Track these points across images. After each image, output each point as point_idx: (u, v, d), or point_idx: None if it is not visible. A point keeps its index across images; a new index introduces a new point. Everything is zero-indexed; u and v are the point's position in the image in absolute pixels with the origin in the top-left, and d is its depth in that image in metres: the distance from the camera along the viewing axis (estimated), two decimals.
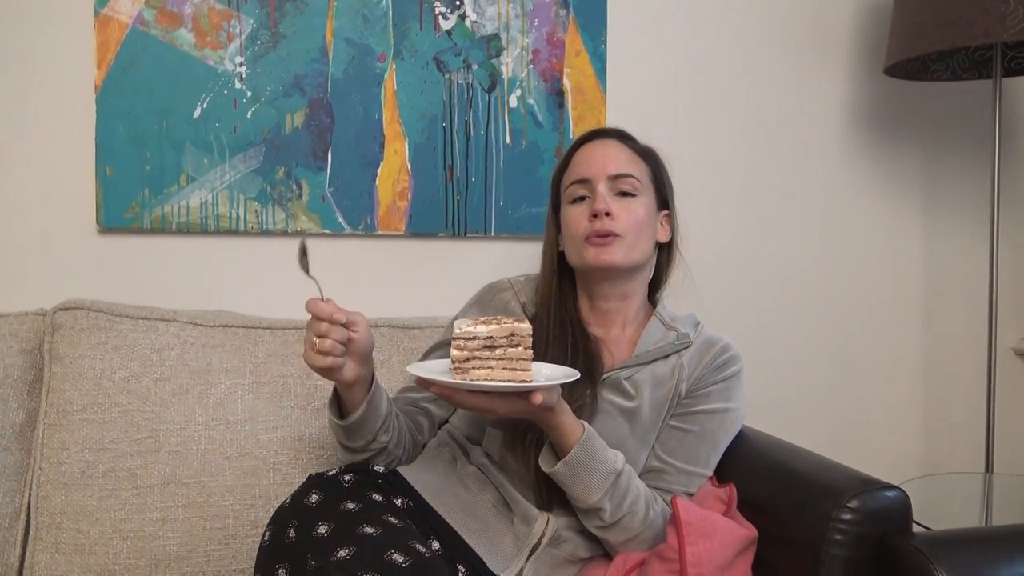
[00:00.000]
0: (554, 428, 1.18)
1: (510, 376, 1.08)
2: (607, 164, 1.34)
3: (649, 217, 1.35)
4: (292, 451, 1.46)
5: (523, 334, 1.08)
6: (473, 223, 1.80)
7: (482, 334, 1.08)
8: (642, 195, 1.35)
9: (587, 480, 1.19)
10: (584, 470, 1.18)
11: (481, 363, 1.08)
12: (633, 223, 1.32)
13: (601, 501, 1.19)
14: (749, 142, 1.99)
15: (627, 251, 1.32)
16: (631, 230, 1.32)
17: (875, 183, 2.07)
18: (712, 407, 1.32)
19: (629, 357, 1.35)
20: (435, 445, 1.39)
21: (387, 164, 1.74)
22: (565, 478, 1.19)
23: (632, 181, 1.34)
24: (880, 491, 1.17)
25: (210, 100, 1.65)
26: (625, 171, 1.34)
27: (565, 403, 1.19)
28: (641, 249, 1.34)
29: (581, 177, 1.35)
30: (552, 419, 1.17)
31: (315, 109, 1.70)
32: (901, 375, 2.11)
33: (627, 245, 1.32)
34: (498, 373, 1.08)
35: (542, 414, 1.15)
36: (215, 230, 1.67)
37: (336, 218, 1.72)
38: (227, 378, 1.48)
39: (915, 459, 2.12)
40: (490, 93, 1.79)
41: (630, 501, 1.22)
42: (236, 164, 1.67)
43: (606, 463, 1.20)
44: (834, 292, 2.06)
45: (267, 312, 1.64)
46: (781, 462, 1.33)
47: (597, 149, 1.37)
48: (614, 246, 1.31)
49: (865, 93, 2.05)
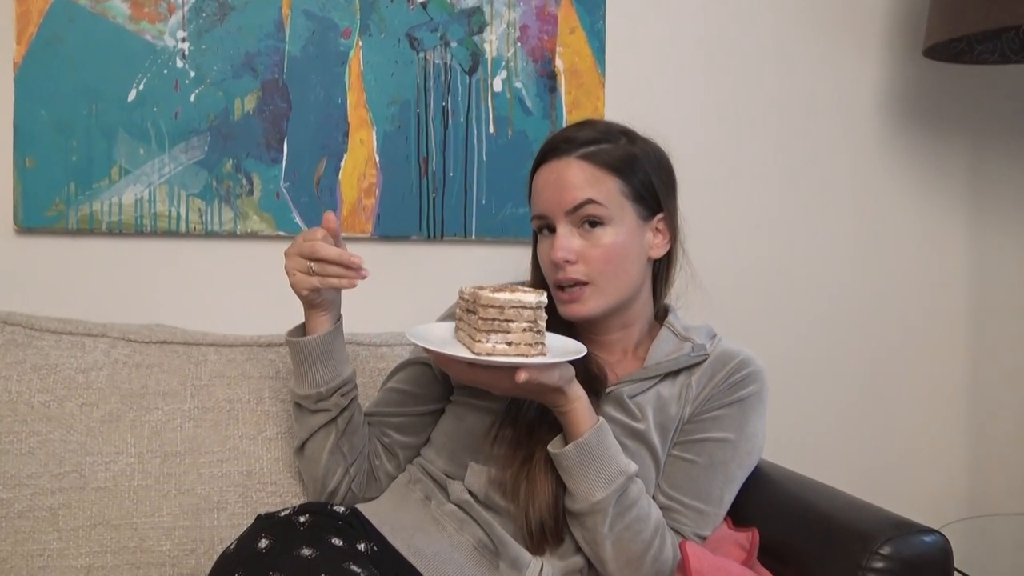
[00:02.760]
0: (566, 414, 1.22)
1: (516, 351, 1.13)
2: (563, 196, 1.31)
3: (629, 242, 1.33)
4: (239, 488, 1.46)
5: (532, 306, 1.14)
6: (451, 224, 1.81)
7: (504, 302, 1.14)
8: (614, 219, 1.31)
9: (595, 472, 1.21)
10: (595, 460, 1.21)
11: (483, 334, 1.14)
12: (604, 261, 1.31)
13: (605, 503, 1.21)
14: (770, 134, 2.01)
15: (603, 297, 1.33)
16: (603, 271, 1.31)
17: (914, 181, 2.10)
18: (722, 435, 1.33)
19: (637, 370, 1.36)
20: (404, 482, 1.39)
21: (352, 156, 1.75)
22: (572, 464, 1.21)
23: (596, 209, 1.31)
24: (917, 535, 1.18)
25: (147, 81, 1.65)
26: (585, 198, 1.30)
27: (580, 388, 1.22)
28: (623, 285, 1.34)
29: (539, 213, 1.35)
30: (563, 403, 1.21)
31: (269, 92, 1.71)
32: (943, 401, 2.13)
33: (601, 290, 1.32)
34: (509, 348, 1.14)
35: (549, 395, 1.19)
36: (152, 231, 1.67)
37: (292, 218, 1.73)
38: (165, 403, 1.48)
39: (958, 498, 2.14)
40: (471, 75, 1.80)
41: (635, 516, 1.23)
42: (177, 155, 1.67)
43: (619, 462, 1.23)
44: (866, 306, 2.08)
45: (212, 327, 1.64)
46: (804, 502, 1.34)
47: (552, 175, 1.33)
48: (585, 298, 1.32)
49: (902, 78, 2.07)
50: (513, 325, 1.12)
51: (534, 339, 1.14)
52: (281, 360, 1.56)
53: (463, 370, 1.17)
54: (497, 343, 1.13)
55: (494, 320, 1.12)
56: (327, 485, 1.38)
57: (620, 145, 1.34)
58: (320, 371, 1.34)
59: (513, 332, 1.13)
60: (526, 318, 1.13)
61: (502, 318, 1.12)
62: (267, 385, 1.53)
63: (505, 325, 1.12)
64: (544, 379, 1.15)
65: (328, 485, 1.38)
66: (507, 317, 1.12)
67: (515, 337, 1.13)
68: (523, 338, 1.13)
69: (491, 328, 1.13)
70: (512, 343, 1.13)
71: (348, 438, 1.37)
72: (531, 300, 1.13)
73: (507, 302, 1.12)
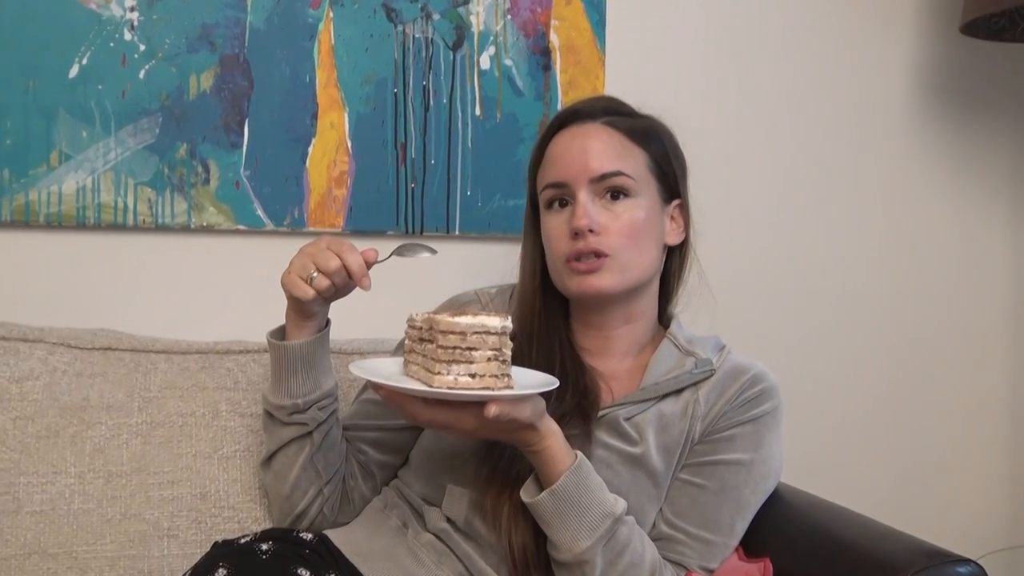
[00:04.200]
0: (538, 453, 1.19)
1: (482, 384, 1.10)
2: (589, 162, 1.33)
3: (651, 219, 1.36)
4: (193, 513, 1.45)
5: (497, 331, 1.11)
6: (432, 218, 1.81)
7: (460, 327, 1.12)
8: (639, 193, 1.35)
9: (576, 520, 1.19)
10: (574, 506, 1.19)
11: (442, 362, 1.11)
12: (627, 235, 1.33)
13: (591, 552, 1.20)
14: (788, 119, 2.01)
15: (621, 273, 1.33)
16: (625, 245, 1.33)
17: (949, 172, 2.10)
18: (736, 457, 1.33)
19: (634, 391, 1.36)
20: (379, 507, 1.39)
21: (321, 141, 1.75)
22: (549, 514, 1.20)
23: (624, 180, 1.34)
24: (951, 566, 1.19)
25: (91, 55, 1.65)
26: (613, 169, 1.33)
27: (554, 422, 1.20)
28: (641, 264, 1.35)
29: (557, 180, 1.36)
30: (535, 440, 1.18)
31: (228, 69, 1.70)
32: (980, 416, 2.14)
33: (620, 266, 1.33)
34: (473, 380, 1.11)
35: (519, 434, 1.17)
36: (96, 224, 1.67)
37: (254, 210, 1.72)
38: (109, 417, 1.47)
39: (998, 526, 2.14)
40: (455, 51, 1.80)
41: (628, 562, 1.22)
42: (124, 139, 1.67)
43: (602, 503, 1.21)
44: (893, 311, 2.09)
45: (163, 332, 1.63)
46: (822, 529, 1.34)
47: (576, 140, 1.36)
48: (602, 270, 1.32)
49: (936, 57, 2.07)
50: (476, 354, 1.09)
51: (500, 370, 1.11)
52: (240, 369, 1.55)
53: (419, 410, 1.14)
54: (459, 375, 1.09)
55: (455, 349, 1.09)
56: (295, 505, 1.37)
57: (640, 118, 1.40)
58: (300, 381, 1.33)
59: (477, 362, 1.09)
60: (491, 345, 1.10)
61: (464, 346, 1.09)
62: (224, 397, 1.53)
63: (468, 354, 1.09)
64: (516, 414, 1.13)
65: (297, 505, 1.37)
66: (470, 345, 1.09)
67: (479, 368, 1.09)
68: (488, 368, 1.10)
69: (452, 358, 1.09)
70: (476, 375, 1.09)
71: (324, 454, 1.36)
72: (495, 324, 1.10)
73: (469, 327, 1.09)
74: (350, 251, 1.23)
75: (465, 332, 1.09)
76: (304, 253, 1.26)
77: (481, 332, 1.09)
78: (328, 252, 1.23)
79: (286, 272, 1.26)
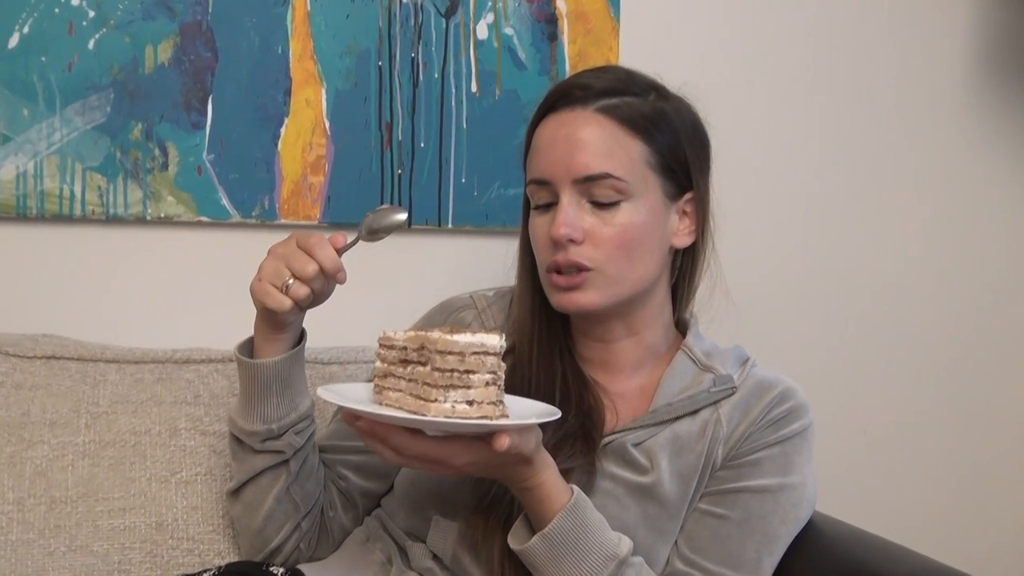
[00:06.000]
0: (531, 489, 1.18)
1: (480, 412, 1.08)
2: (573, 159, 1.31)
3: (649, 224, 1.33)
4: (147, 544, 1.45)
5: (495, 351, 1.09)
6: (421, 209, 1.81)
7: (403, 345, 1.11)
8: (634, 195, 1.32)
9: (574, 566, 1.19)
10: (571, 550, 1.19)
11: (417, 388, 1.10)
12: (615, 245, 1.31)
13: None
14: (827, 97, 2.01)
15: (607, 288, 1.32)
16: (612, 257, 1.31)
17: (1012, 159, 2.10)
18: (762, 483, 1.33)
19: (643, 413, 1.36)
20: (361, 539, 1.39)
21: (295, 121, 1.75)
22: (543, 561, 1.20)
23: (613, 184, 1.30)
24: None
25: (34, 23, 1.64)
26: (600, 170, 1.30)
27: (547, 454, 1.19)
28: (632, 277, 1.33)
29: (539, 177, 1.34)
30: (529, 476, 1.17)
31: (189, 38, 1.70)
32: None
33: (606, 280, 1.31)
34: (470, 408, 1.08)
35: (514, 468, 1.16)
36: (39, 215, 1.67)
37: (218, 199, 1.73)
38: (52, 435, 1.47)
39: None
40: (448, 18, 1.80)
41: None
42: (71, 118, 1.67)
43: (604, 544, 1.21)
44: (945, 319, 2.09)
45: (114, 338, 1.64)
46: (867, 566, 1.34)
47: (561, 131, 1.33)
48: (585, 287, 1.31)
49: (1000, 26, 2.07)
50: (475, 377, 1.06)
51: (497, 395, 1.09)
52: (201, 381, 1.55)
53: (407, 444, 1.11)
54: (456, 402, 1.06)
55: (453, 372, 1.06)
56: (269, 541, 1.37)
57: (648, 100, 1.35)
58: (275, 403, 1.31)
59: (475, 387, 1.06)
60: (488, 367, 1.07)
61: (462, 368, 1.06)
62: (183, 413, 1.53)
63: (466, 378, 1.06)
64: (523, 447, 1.12)
65: (270, 541, 1.37)
66: (468, 367, 1.06)
67: (477, 393, 1.07)
68: (486, 394, 1.07)
69: (449, 383, 1.06)
70: (474, 401, 1.07)
71: (301, 484, 1.35)
72: (494, 343, 1.08)
73: (468, 347, 1.06)
74: (321, 245, 1.22)
75: (464, 352, 1.06)
76: (275, 255, 1.24)
77: (480, 352, 1.06)
78: (303, 254, 1.21)
79: (256, 279, 1.24)
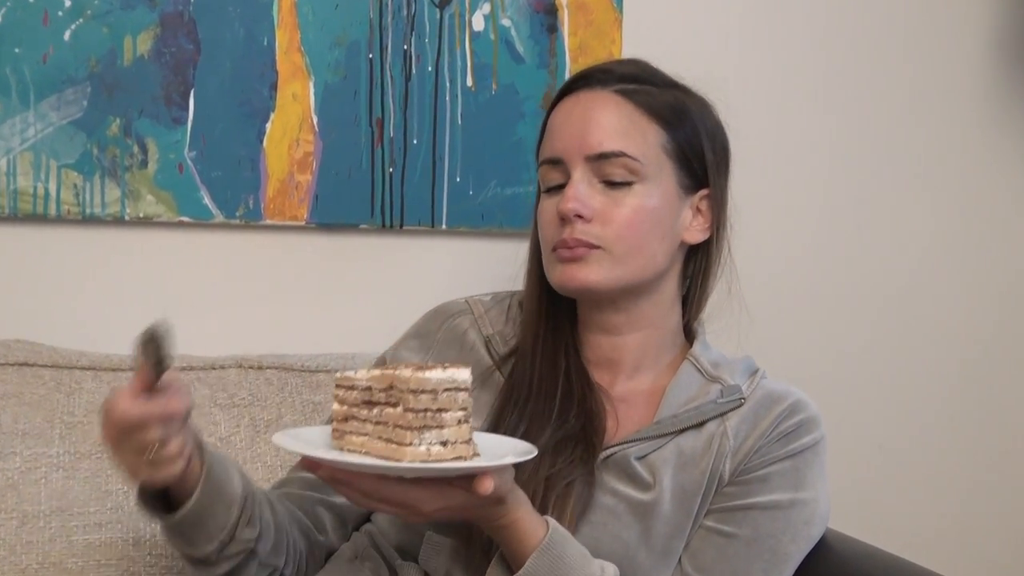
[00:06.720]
0: (504, 528, 1.17)
1: (453, 453, 1.07)
2: (587, 135, 1.33)
3: (661, 210, 1.35)
4: (124, 561, 1.45)
5: (466, 387, 1.08)
6: (414, 209, 1.81)
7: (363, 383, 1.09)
8: (648, 178, 1.33)
9: None
10: None
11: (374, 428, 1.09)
12: (626, 226, 1.32)
13: None
14: (843, 93, 2.01)
15: (612, 268, 1.32)
16: (622, 237, 1.32)
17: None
18: (772, 499, 1.33)
19: (647, 424, 1.36)
20: (348, 556, 1.38)
21: (281, 116, 1.75)
22: None
23: (626, 163, 1.32)
24: None
25: (6, 12, 1.64)
26: (614, 148, 1.32)
27: (520, 491, 1.19)
28: (640, 261, 1.34)
29: (551, 155, 1.36)
30: (502, 514, 1.16)
31: (170, 29, 1.70)
32: None
33: (612, 259, 1.32)
34: (444, 449, 1.07)
35: (488, 509, 1.15)
36: (11, 214, 1.67)
37: (200, 198, 1.73)
38: (24, 446, 1.47)
39: None
40: (443, 9, 1.80)
41: None
42: (46, 112, 1.67)
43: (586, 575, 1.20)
44: (969, 327, 2.08)
45: (90, 344, 1.64)
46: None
47: (577, 108, 1.36)
48: (589, 260, 1.31)
49: (1021, 20, 2.07)
50: (447, 416, 1.05)
51: (468, 434, 1.08)
52: None
53: (375, 489, 1.09)
54: (431, 444, 1.05)
55: (426, 412, 1.04)
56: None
57: (670, 92, 1.38)
58: (218, 521, 1.21)
59: (448, 426, 1.05)
60: (460, 404, 1.06)
61: (435, 407, 1.05)
62: None
63: (439, 417, 1.05)
64: (502, 487, 1.11)
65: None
66: (440, 405, 1.05)
67: (451, 433, 1.05)
68: (459, 433, 1.06)
69: (424, 423, 1.04)
70: (447, 442, 1.05)
71: (275, 549, 1.29)
72: (464, 378, 1.07)
73: (440, 384, 1.05)
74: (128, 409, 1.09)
75: (436, 390, 1.04)
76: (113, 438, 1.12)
77: (452, 389, 1.05)
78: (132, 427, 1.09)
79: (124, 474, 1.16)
